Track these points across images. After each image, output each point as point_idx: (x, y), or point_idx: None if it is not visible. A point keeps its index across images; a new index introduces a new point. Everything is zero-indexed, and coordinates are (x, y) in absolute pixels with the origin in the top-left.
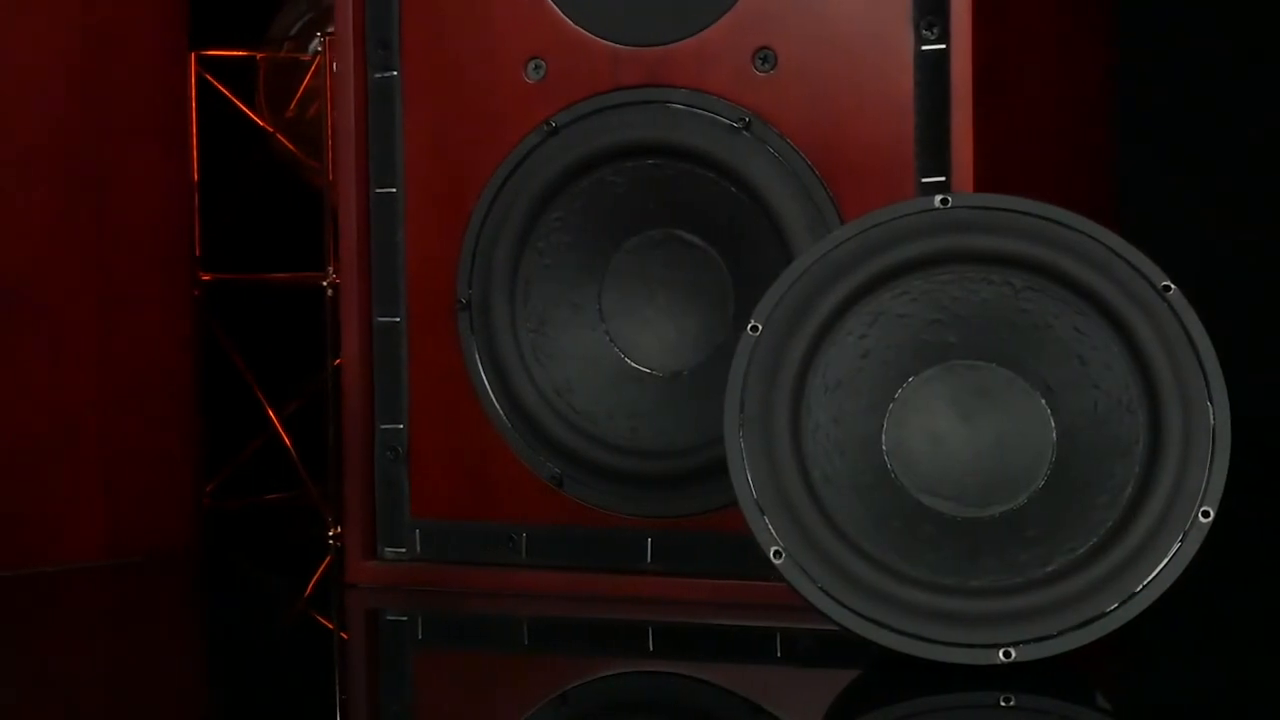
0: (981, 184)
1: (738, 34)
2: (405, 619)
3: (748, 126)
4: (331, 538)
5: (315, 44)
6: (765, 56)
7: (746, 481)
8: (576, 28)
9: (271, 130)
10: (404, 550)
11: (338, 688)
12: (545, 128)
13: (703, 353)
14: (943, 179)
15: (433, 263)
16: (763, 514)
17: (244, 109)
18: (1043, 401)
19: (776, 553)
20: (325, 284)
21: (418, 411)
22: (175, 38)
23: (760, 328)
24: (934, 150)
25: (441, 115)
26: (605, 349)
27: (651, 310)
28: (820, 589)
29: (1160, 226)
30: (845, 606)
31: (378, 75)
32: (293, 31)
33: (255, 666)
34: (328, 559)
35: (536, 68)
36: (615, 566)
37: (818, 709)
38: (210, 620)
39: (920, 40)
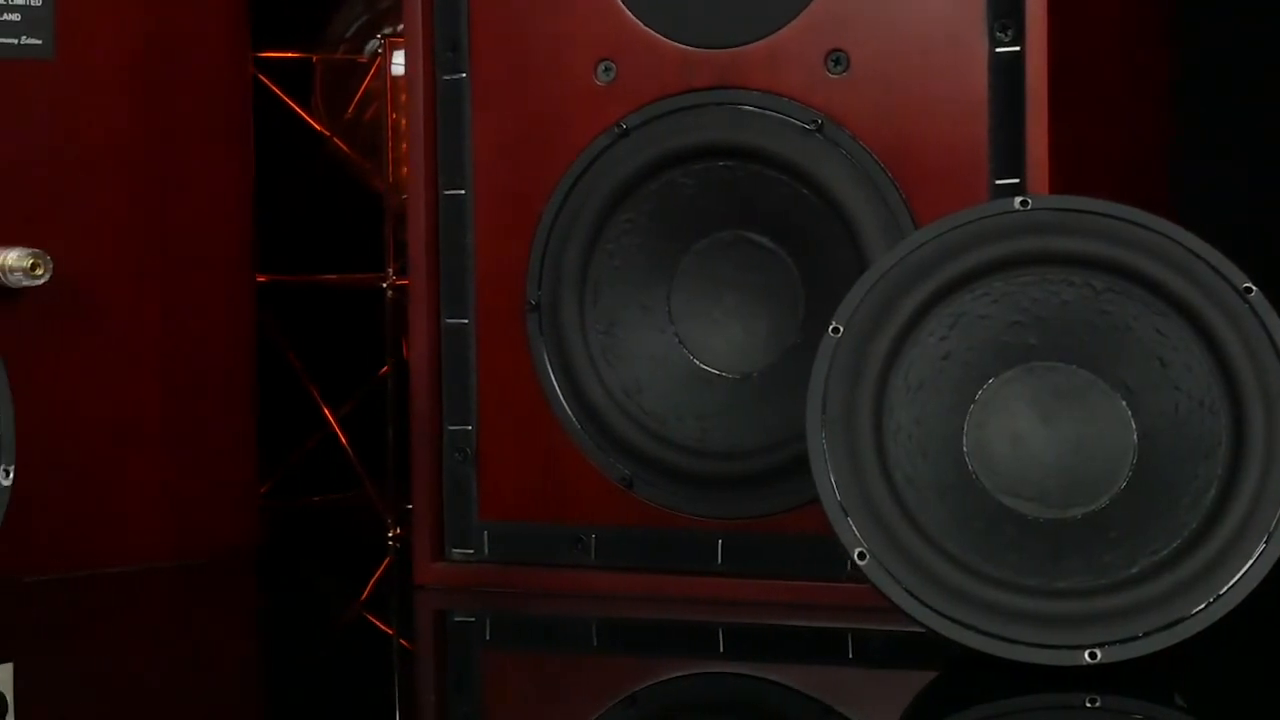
0: (1056, 186)
1: (810, 36)
2: (473, 620)
3: (820, 128)
4: (390, 539)
5: (374, 45)
6: (838, 59)
7: (830, 483)
8: (647, 30)
9: (328, 134)
10: (472, 551)
11: (405, 689)
12: (616, 130)
13: (772, 354)
14: (1016, 181)
15: (502, 264)
16: (846, 515)
17: (300, 112)
18: (1123, 403)
19: (860, 554)
20: (385, 285)
21: (486, 413)
22: (238, 41)
23: (841, 329)
24: (1008, 152)
25: (511, 117)
26: (674, 350)
27: (720, 312)
28: (905, 590)
29: (1225, 227)
30: (929, 607)
31: (446, 77)
32: (348, 33)
33: (322, 668)
34: (387, 560)
35: (606, 70)
36: (685, 568)
37: (891, 710)
38: (276, 621)
39: (995, 43)
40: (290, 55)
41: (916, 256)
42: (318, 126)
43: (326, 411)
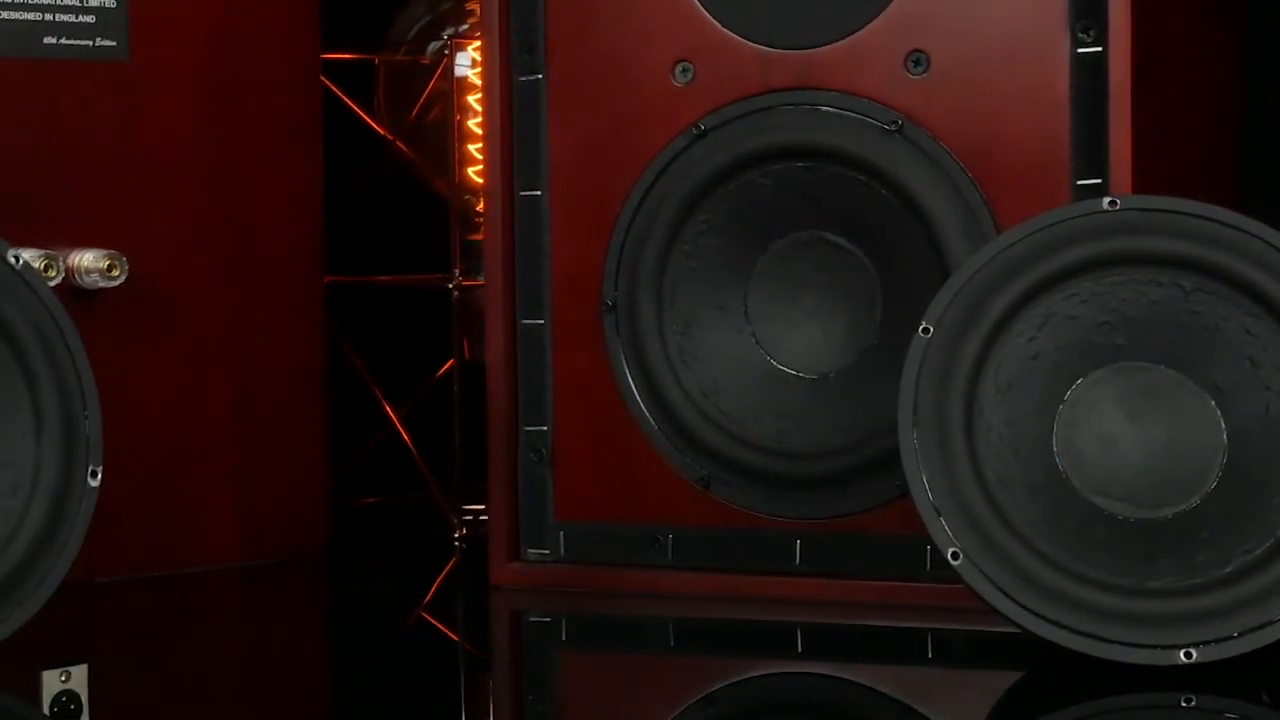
0: (1139, 186)
1: (890, 37)
2: (548, 620)
3: (900, 129)
4: (456, 539)
5: (436, 46)
6: (918, 59)
7: (922, 483)
8: (725, 30)
9: (391, 138)
10: (548, 552)
11: (481, 690)
12: (693, 131)
13: (849, 355)
14: (1098, 181)
15: (578, 265)
16: (939, 515)
17: (361, 114)
18: (1213, 403)
19: (954, 554)
20: (451, 286)
21: (562, 413)
22: (308, 41)
23: (932, 329)
24: (1090, 152)
25: (587, 118)
26: (751, 351)
27: (797, 312)
28: (999, 590)
29: None
30: (1024, 607)
31: (523, 78)
32: (410, 35)
33: (397, 669)
34: (453, 560)
35: (684, 71)
36: (762, 568)
37: (974, 709)
38: (348, 622)
39: (1076, 43)
40: (352, 57)
41: (1006, 257)
42: (380, 130)
43: (391, 413)
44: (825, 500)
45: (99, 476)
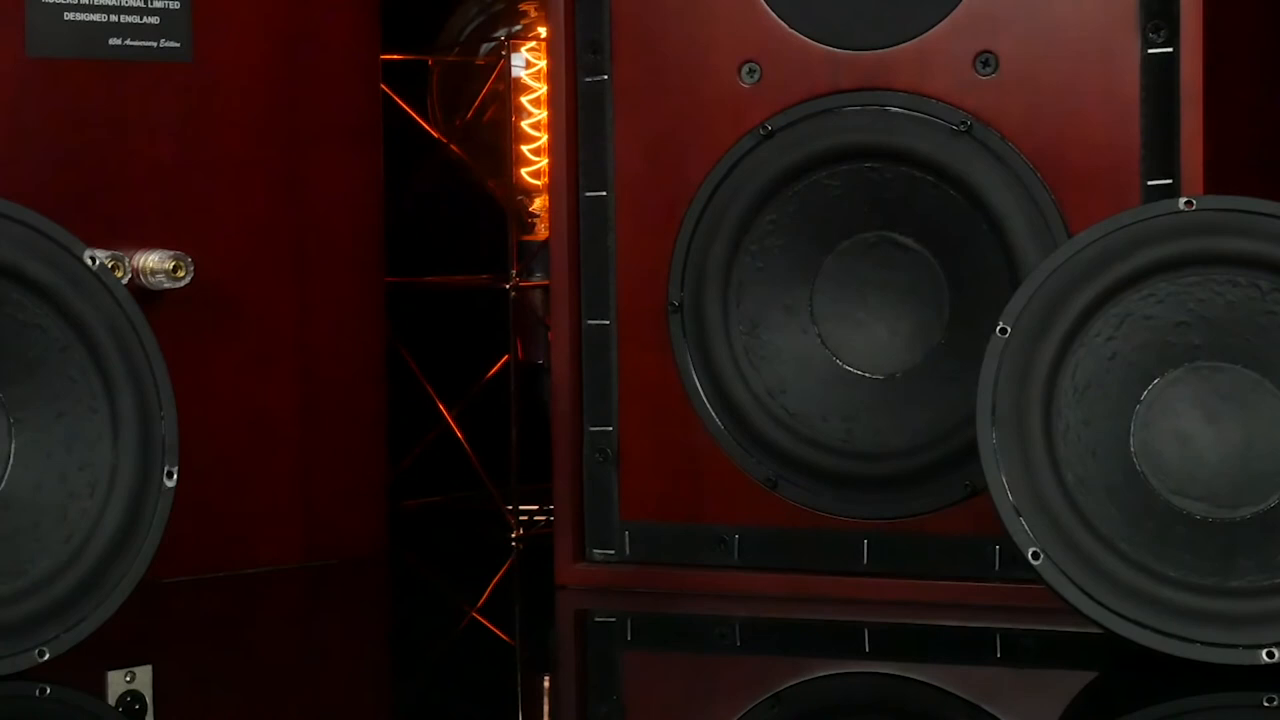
0: (1210, 187)
1: (958, 37)
2: (613, 620)
3: (969, 130)
4: (514, 539)
5: (492, 47)
6: (986, 60)
7: (1001, 483)
8: (792, 31)
9: (445, 140)
10: (613, 552)
11: (547, 690)
12: (760, 131)
13: (916, 355)
14: (1169, 182)
15: (643, 266)
16: (1019, 515)
17: (414, 116)
18: None
19: (1035, 554)
20: (508, 286)
21: (627, 414)
22: (368, 42)
23: (1009, 330)
24: (1161, 153)
25: (653, 119)
26: (817, 351)
27: (863, 312)
28: (1080, 590)
29: None
30: (1105, 607)
31: (588, 79)
32: (462, 36)
33: (463, 669)
34: (510, 560)
35: (751, 72)
36: (830, 568)
37: (1042, 709)
38: (410, 622)
39: (1147, 43)
40: (404, 58)
41: (1082, 257)
42: (434, 132)
43: (446, 413)
44: (892, 500)
45: (175, 477)
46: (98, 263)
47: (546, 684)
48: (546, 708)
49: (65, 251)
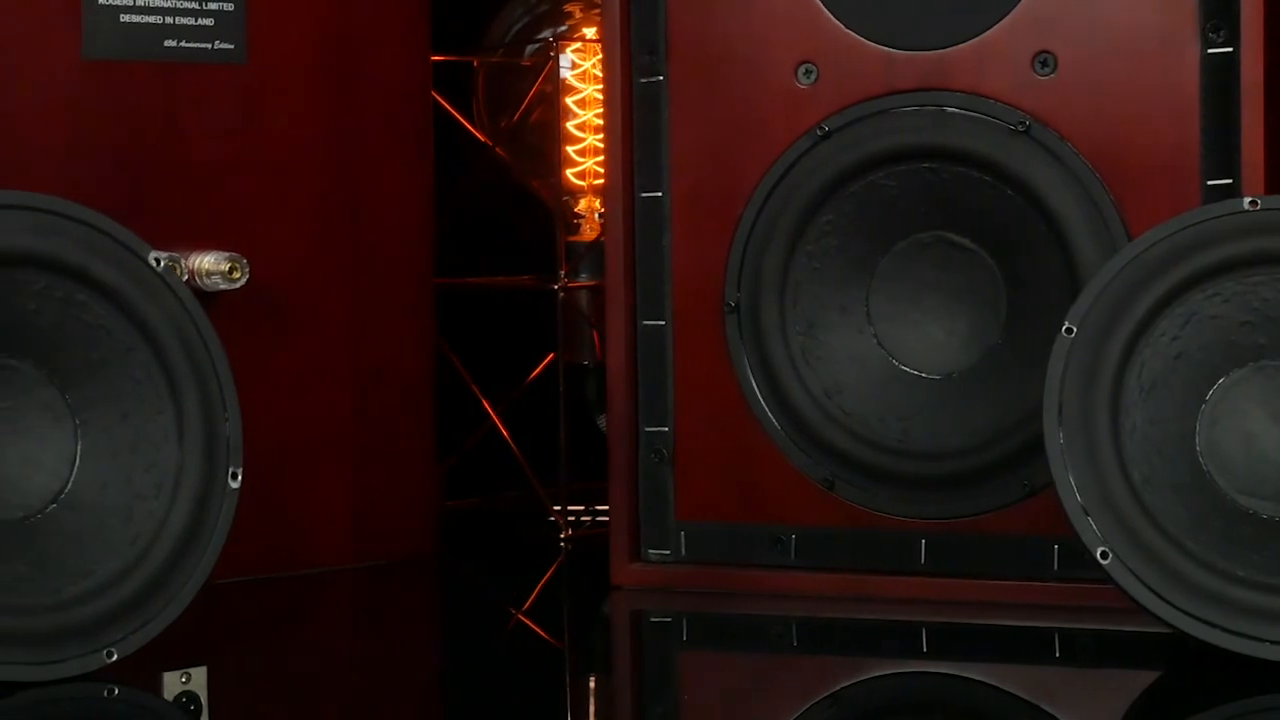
0: (1271, 186)
1: (1017, 37)
2: (670, 620)
3: (1028, 130)
4: (563, 540)
5: (537, 48)
6: (1045, 60)
7: (1069, 483)
8: (849, 32)
9: (489, 143)
10: (668, 552)
11: (602, 690)
12: (817, 132)
13: (973, 355)
14: (1229, 181)
15: (699, 266)
16: (1087, 515)
17: (459, 117)
18: None
19: (1103, 553)
20: (556, 287)
21: (683, 414)
22: (419, 45)
23: (1075, 330)
24: (1220, 153)
25: (709, 120)
26: (874, 351)
27: (919, 313)
28: (1149, 589)
29: None
30: (1175, 606)
31: (644, 80)
32: (508, 38)
33: (518, 669)
34: (559, 560)
35: (807, 72)
36: (887, 568)
37: (1104, 709)
38: (464, 622)
39: (1206, 43)
40: (449, 59)
41: (1148, 257)
42: (479, 135)
43: (493, 414)
44: (950, 500)
45: (239, 478)
46: (162, 264)
47: (602, 685)
48: (603, 708)
49: (130, 253)
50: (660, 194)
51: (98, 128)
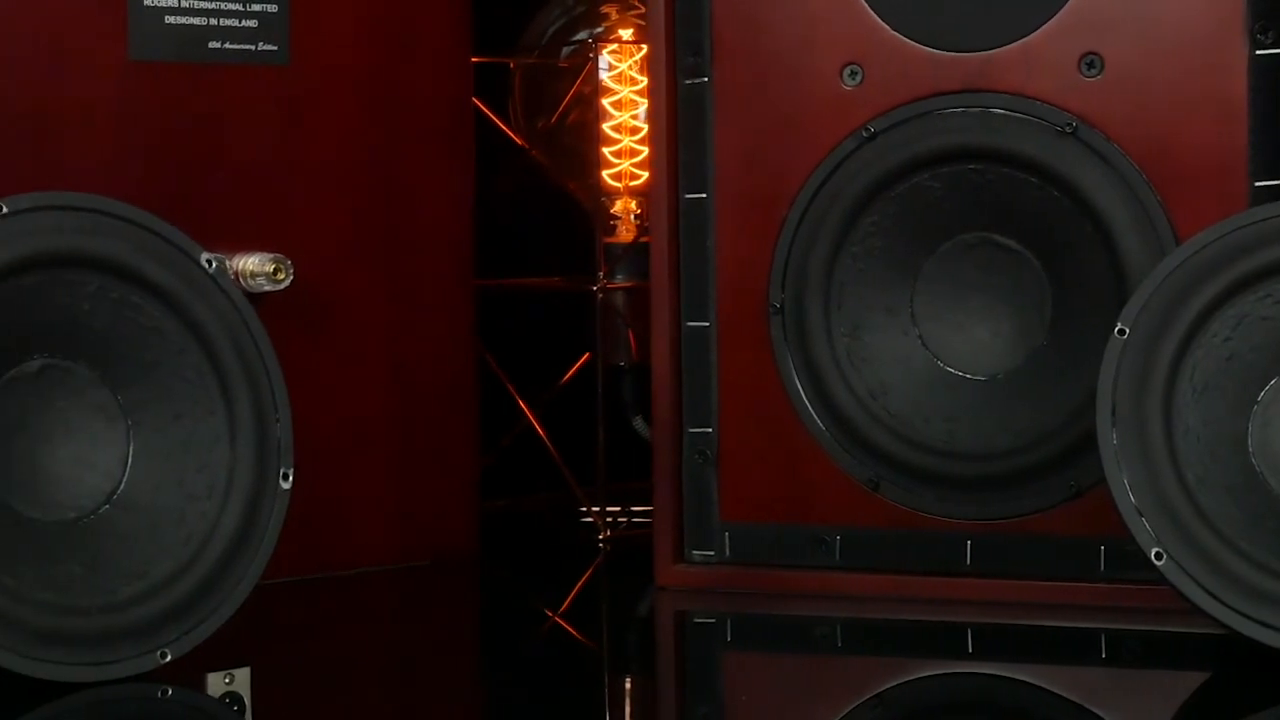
0: None
1: (1063, 39)
2: (713, 621)
3: (1074, 131)
4: (601, 540)
5: (573, 49)
6: (1091, 62)
7: (1123, 484)
8: (895, 34)
9: (525, 145)
10: (712, 553)
11: (646, 690)
12: (862, 133)
13: (1018, 356)
14: (1277, 183)
15: (743, 268)
16: (1141, 516)
17: (495, 119)
18: None
19: (1158, 554)
20: (595, 288)
21: (727, 415)
22: (460, 46)
23: (1127, 331)
24: (1268, 154)
25: (754, 121)
26: (918, 352)
27: (964, 314)
28: (1204, 590)
29: None
30: (1230, 607)
31: (688, 82)
32: (544, 39)
33: (560, 669)
34: (598, 560)
35: (853, 74)
36: (933, 568)
37: (1152, 711)
38: (506, 623)
39: (1255, 44)
40: (485, 60)
41: (1200, 258)
42: (515, 137)
43: (530, 415)
44: (996, 501)
45: (290, 479)
46: (214, 265)
47: (647, 686)
48: (648, 709)
49: (183, 254)
50: (705, 195)
51: (143, 129)
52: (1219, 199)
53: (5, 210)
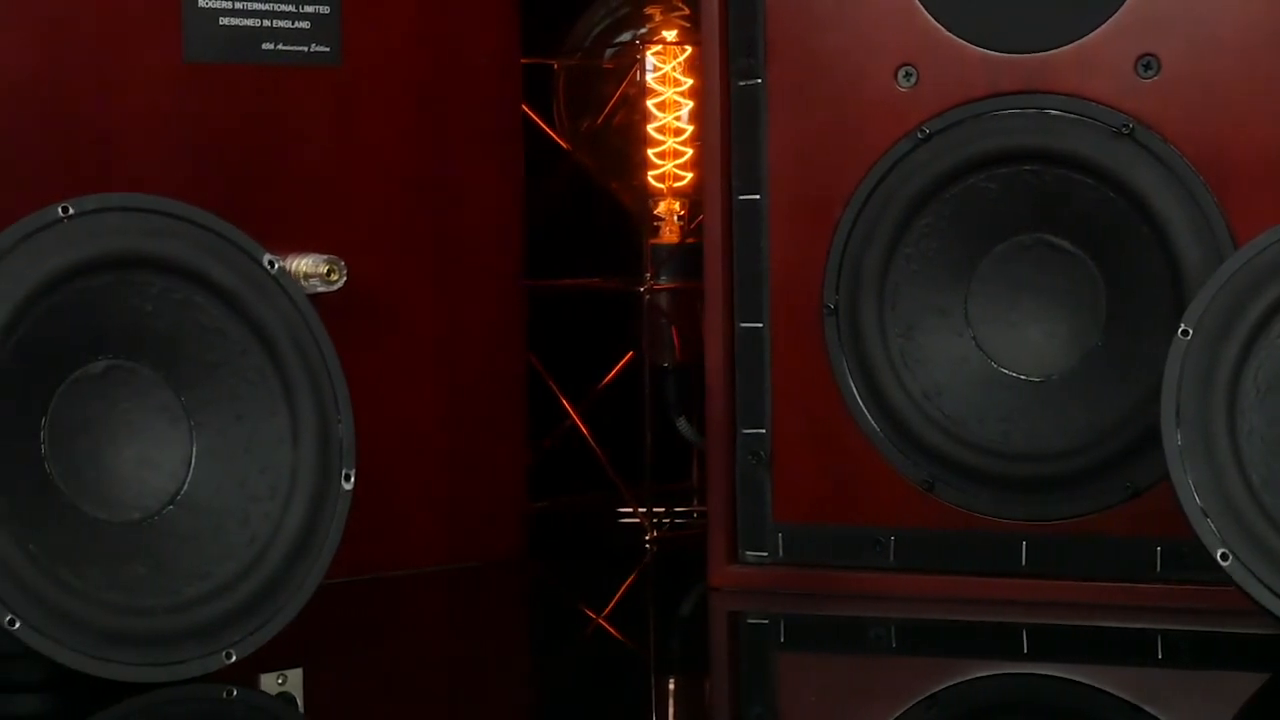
0: None
1: (1120, 40)
2: (766, 622)
3: (1131, 133)
4: (648, 541)
5: (616, 51)
6: (1149, 63)
7: (1188, 485)
8: (950, 35)
9: (567, 146)
10: (765, 554)
11: (699, 691)
12: (917, 135)
13: (1072, 357)
14: None
15: (797, 269)
16: (1206, 517)
17: (539, 122)
18: None
19: (1223, 555)
20: (642, 289)
21: (781, 416)
22: (510, 47)
23: (1191, 332)
24: None
25: (808, 123)
26: (973, 353)
27: (1018, 315)
28: (1270, 591)
29: None
30: None
31: (742, 83)
32: (588, 40)
33: (612, 670)
34: (646, 561)
35: (907, 75)
36: (987, 569)
37: (1209, 712)
38: (556, 624)
39: None
40: (529, 62)
41: (1262, 259)
42: (558, 139)
43: (575, 415)
44: (1051, 502)
45: (352, 480)
46: (276, 266)
47: (701, 686)
48: (701, 710)
49: (245, 255)
50: (758, 196)
51: (196, 130)
52: (1277, 200)
53: (71, 212)
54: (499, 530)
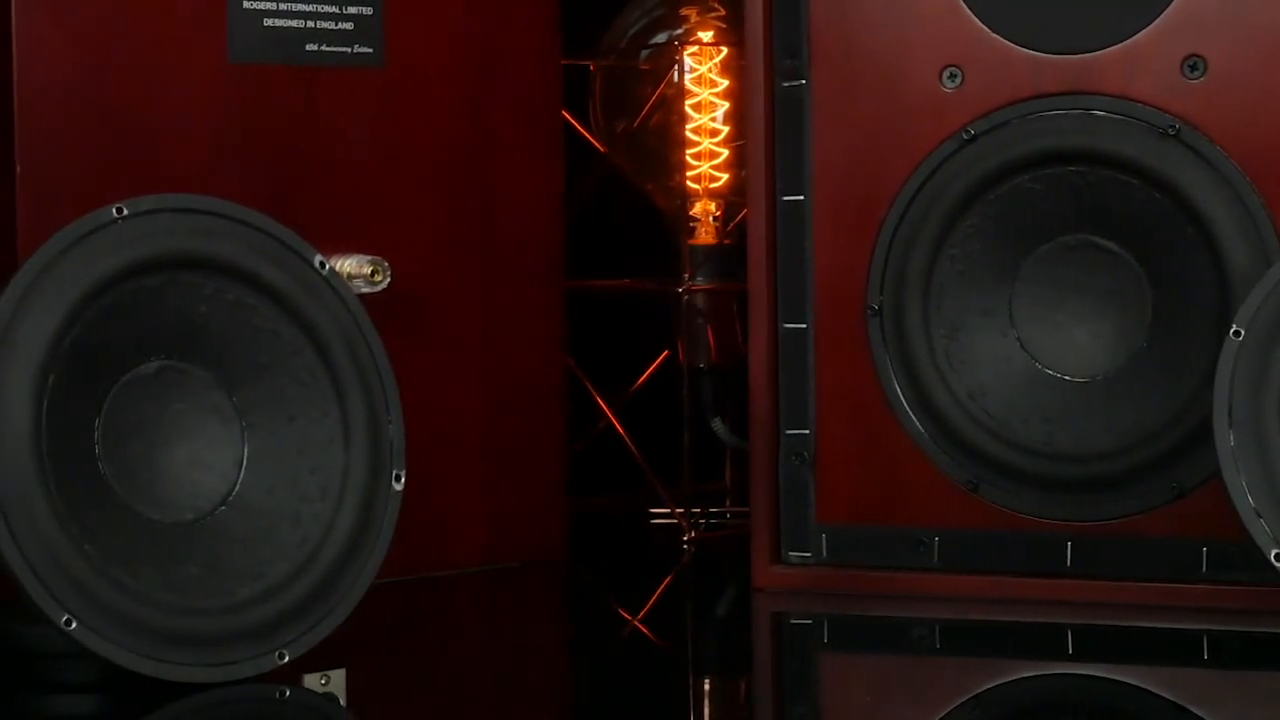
0: None
1: (1166, 41)
2: (810, 622)
3: (1177, 134)
4: (685, 541)
5: (652, 52)
6: (1195, 64)
7: (1241, 485)
8: (996, 36)
9: (602, 147)
10: (809, 554)
11: (743, 691)
12: (962, 135)
13: (1118, 358)
14: None
15: (841, 269)
16: (1259, 517)
17: (576, 125)
18: None
19: (1277, 555)
20: (680, 290)
21: (824, 417)
22: (550, 48)
23: (1243, 333)
24: None
25: (853, 124)
26: (1017, 354)
27: (1063, 315)
28: None
29: None
30: None
31: (786, 84)
32: (624, 41)
33: (655, 670)
34: (684, 561)
35: (952, 76)
36: (1032, 570)
37: (1256, 713)
38: (597, 624)
39: None
40: (566, 62)
41: None
42: (594, 140)
43: (613, 417)
44: (1097, 502)
45: (403, 480)
46: (327, 267)
47: (744, 686)
48: (745, 710)
49: (297, 256)
50: (802, 197)
51: (241, 131)
52: None
53: (125, 212)
54: (539, 531)
